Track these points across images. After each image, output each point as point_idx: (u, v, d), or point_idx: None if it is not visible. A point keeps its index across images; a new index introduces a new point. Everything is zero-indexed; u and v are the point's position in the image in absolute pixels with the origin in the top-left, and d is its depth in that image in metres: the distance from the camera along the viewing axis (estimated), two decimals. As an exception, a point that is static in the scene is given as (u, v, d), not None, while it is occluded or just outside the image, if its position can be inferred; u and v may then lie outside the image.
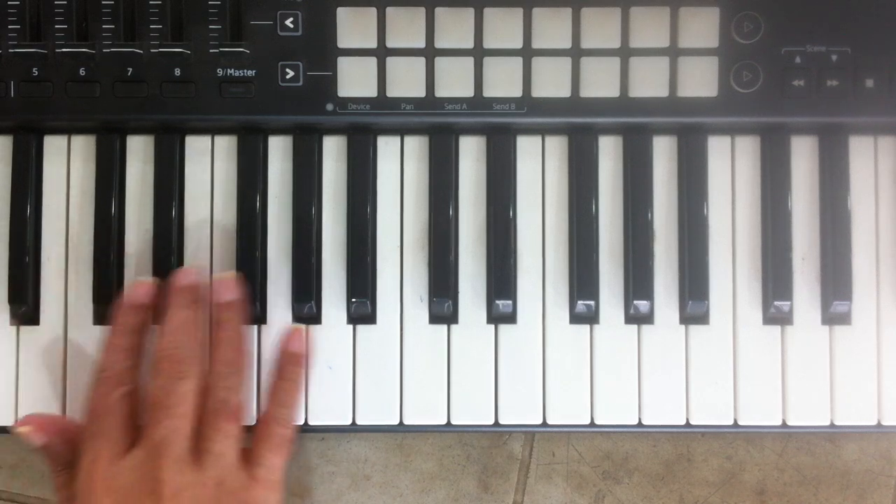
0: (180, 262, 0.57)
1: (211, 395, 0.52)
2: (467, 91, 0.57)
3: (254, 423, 0.56)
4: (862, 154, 0.58)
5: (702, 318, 0.58)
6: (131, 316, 0.54)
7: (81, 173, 0.58)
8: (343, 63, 0.57)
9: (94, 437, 0.51)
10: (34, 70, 0.56)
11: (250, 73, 0.56)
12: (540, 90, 0.57)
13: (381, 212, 0.58)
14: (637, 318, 0.58)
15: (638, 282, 0.57)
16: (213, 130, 0.58)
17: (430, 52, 0.57)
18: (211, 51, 0.56)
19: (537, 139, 0.58)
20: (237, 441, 0.52)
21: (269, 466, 0.53)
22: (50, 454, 0.54)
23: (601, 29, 0.56)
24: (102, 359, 0.53)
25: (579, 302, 0.57)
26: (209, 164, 0.58)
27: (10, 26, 0.56)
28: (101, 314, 0.57)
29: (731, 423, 0.58)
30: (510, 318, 0.58)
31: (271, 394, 0.55)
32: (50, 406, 0.57)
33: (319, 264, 0.58)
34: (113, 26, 0.56)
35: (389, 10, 0.56)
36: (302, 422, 0.57)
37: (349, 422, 0.57)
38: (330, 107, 0.57)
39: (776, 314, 0.58)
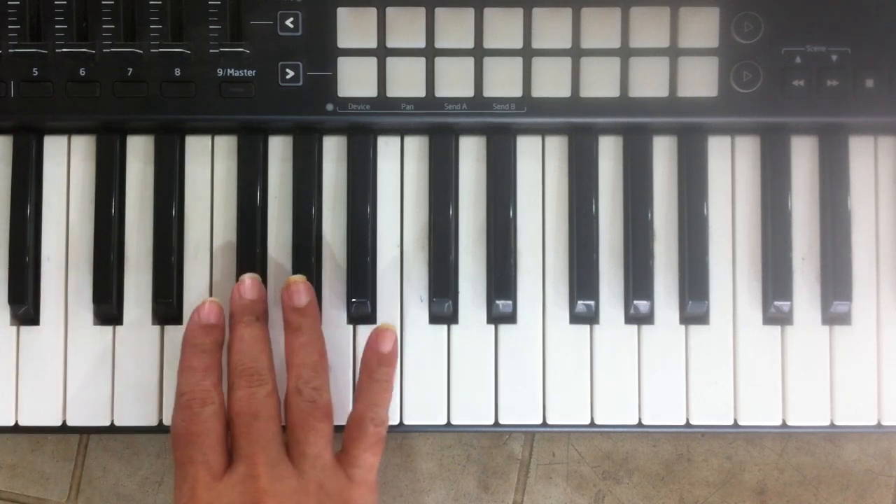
0: (180, 263, 0.58)
1: (299, 397, 0.52)
2: (467, 91, 0.57)
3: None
4: (862, 154, 0.58)
5: (702, 318, 0.58)
6: (203, 336, 0.54)
7: (81, 173, 0.58)
8: (343, 63, 0.57)
9: (188, 463, 0.50)
10: (34, 70, 0.56)
11: (250, 73, 0.56)
12: (540, 90, 0.57)
13: (381, 212, 0.58)
14: (637, 318, 0.58)
15: (638, 282, 0.57)
16: (213, 130, 0.58)
17: (430, 52, 0.57)
18: (211, 51, 0.56)
19: (537, 139, 0.58)
20: (331, 442, 0.52)
21: (365, 467, 0.52)
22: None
23: (601, 29, 0.56)
24: (181, 382, 0.53)
25: (579, 302, 0.57)
26: (209, 164, 0.58)
27: (10, 26, 0.56)
28: (101, 314, 0.57)
29: (731, 423, 0.58)
30: (510, 318, 0.58)
31: (362, 394, 0.54)
32: (50, 406, 0.57)
33: (319, 264, 0.58)
34: (113, 26, 0.56)
35: (389, 10, 0.56)
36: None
37: (349, 422, 0.57)
38: (330, 107, 0.57)
39: (776, 314, 0.58)
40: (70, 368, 0.57)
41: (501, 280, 0.57)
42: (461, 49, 0.57)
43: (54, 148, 0.58)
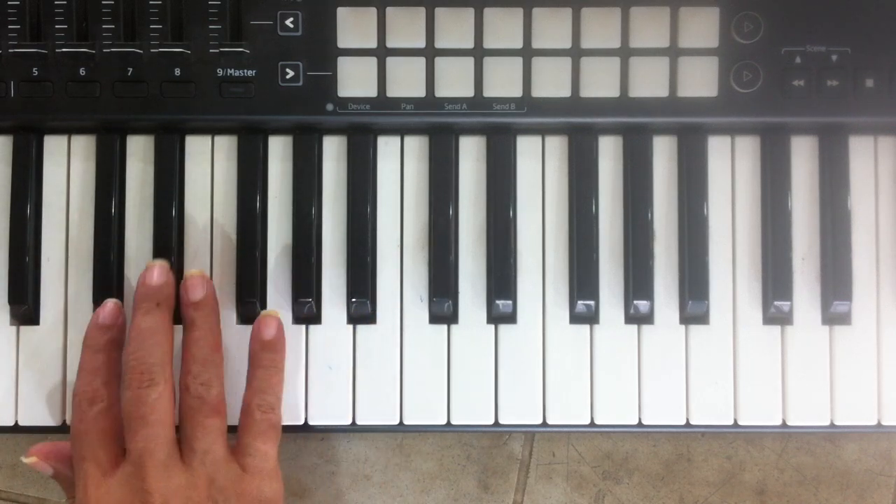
0: (180, 263, 0.57)
1: (187, 393, 0.52)
2: (467, 91, 0.57)
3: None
4: (862, 154, 0.58)
5: (702, 318, 0.58)
6: (98, 336, 0.54)
7: (81, 173, 0.58)
8: (343, 63, 0.57)
9: (80, 460, 0.51)
10: (34, 70, 0.56)
11: (250, 73, 0.56)
12: (540, 90, 0.57)
13: (381, 212, 0.58)
14: (637, 318, 0.58)
15: (638, 282, 0.57)
16: (213, 130, 0.58)
17: (430, 52, 0.57)
18: (211, 51, 0.56)
19: (537, 139, 0.58)
20: (222, 436, 0.52)
21: (258, 454, 0.52)
22: (62, 482, 0.54)
23: (601, 29, 0.56)
24: (76, 383, 0.54)
25: (579, 302, 0.57)
26: (209, 164, 0.58)
27: (10, 26, 0.56)
28: (101, 314, 0.57)
29: (731, 423, 0.58)
30: (510, 318, 0.58)
31: (249, 382, 0.55)
32: (50, 406, 0.57)
33: (319, 264, 0.58)
34: (113, 26, 0.56)
35: (389, 10, 0.56)
36: (302, 422, 0.57)
37: (349, 422, 0.57)
38: (330, 107, 0.57)
39: (776, 314, 0.58)
40: (70, 369, 0.57)
41: (501, 280, 0.57)
42: (461, 49, 0.57)
43: (54, 148, 0.58)
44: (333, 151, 0.58)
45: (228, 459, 0.52)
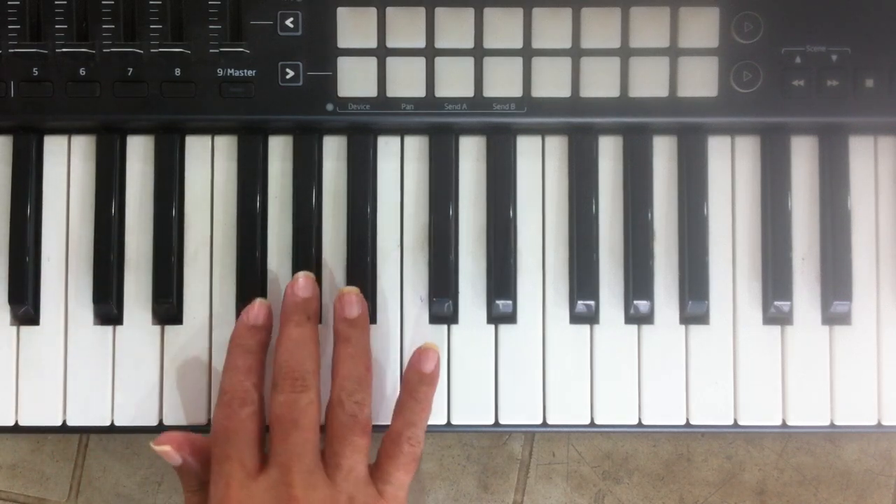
0: (180, 263, 0.58)
1: (340, 409, 0.52)
2: (467, 91, 0.57)
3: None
4: (862, 154, 0.58)
5: (702, 318, 0.58)
6: (249, 336, 0.54)
7: (81, 173, 0.58)
8: (343, 63, 0.57)
9: (224, 460, 0.51)
10: (34, 70, 0.56)
11: (250, 73, 0.56)
12: (540, 90, 0.57)
13: (381, 212, 0.58)
14: (637, 318, 0.58)
15: (638, 282, 0.57)
16: (213, 130, 0.58)
17: (430, 52, 0.57)
18: (211, 51, 0.56)
19: (537, 139, 0.58)
20: (366, 457, 0.52)
21: (396, 484, 0.52)
22: (185, 474, 0.53)
23: (601, 29, 0.56)
24: (223, 381, 0.53)
25: (579, 302, 0.57)
26: (209, 164, 0.58)
27: (10, 26, 0.56)
28: (101, 314, 0.57)
29: (731, 423, 0.58)
30: (510, 318, 0.58)
31: (401, 411, 0.54)
32: (50, 406, 0.57)
33: (319, 264, 0.58)
34: (113, 26, 0.56)
35: (389, 10, 0.56)
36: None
37: (349, 422, 0.57)
38: (330, 107, 0.57)
39: (776, 314, 0.58)
40: (70, 368, 0.57)
41: (501, 280, 0.57)
42: (461, 49, 0.57)
43: (54, 148, 0.58)
44: (333, 151, 0.58)
45: (368, 482, 0.52)
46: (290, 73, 0.56)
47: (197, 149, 0.58)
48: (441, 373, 0.57)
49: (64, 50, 0.56)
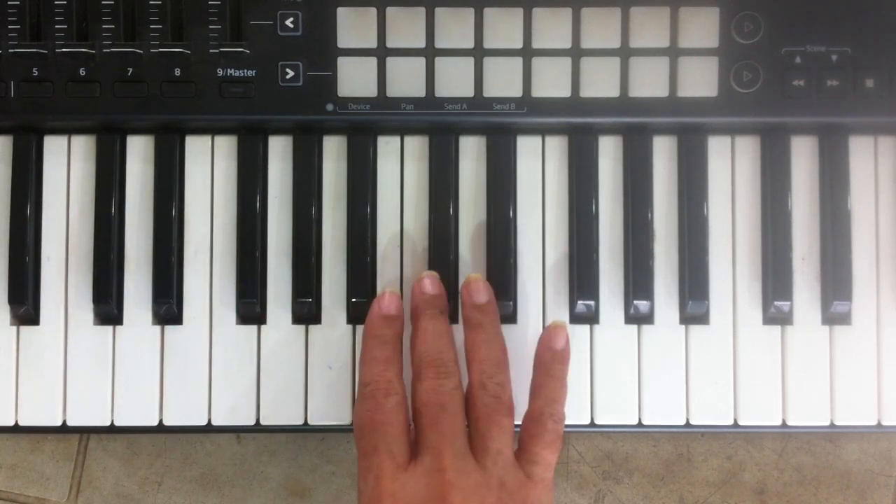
0: (180, 263, 0.58)
1: (483, 392, 0.51)
2: (467, 91, 0.57)
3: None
4: (862, 154, 0.58)
5: (702, 318, 0.58)
6: (385, 327, 0.54)
7: (81, 173, 0.58)
8: (343, 63, 0.57)
9: (372, 452, 0.50)
10: (34, 70, 0.56)
11: (250, 73, 0.56)
12: (540, 90, 0.57)
13: (381, 212, 0.58)
14: (637, 318, 0.58)
15: (638, 282, 0.57)
16: (213, 130, 0.58)
17: (430, 52, 0.57)
18: (211, 51, 0.56)
19: (537, 139, 0.58)
20: (512, 439, 0.52)
21: (543, 464, 0.52)
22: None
23: (601, 29, 0.56)
24: (363, 373, 0.53)
25: (579, 302, 0.57)
26: (209, 164, 0.58)
27: (10, 26, 0.56)
28: (101, 314, 0.57)
29: (731, 423, 0.58)
30: (510, 318, 0.58)
31: (539, 390, 0.54)
32: (50, 406, 0.57)
33: (319, 264, 0.58)
34: (113, 26, 0.56)
35: (389, 10, 0.56)
36: (301, 422, 0.57)
37: (349, 422, 0.57)
38: (330, 107, 0.57)
39: (776, 314, 0.58)
40: (70, 368, 0.57)
41: (502, 280, 0.57)
42: (461, 49, 0.57)
43: (54, 148, 0.58)
44: (333, 151, 0.58)
45: (516, 465, 0.51)
46: (290, 73, 0.56)
47: (197, 149, 0.58)
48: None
49: (64, 50, 0.56)
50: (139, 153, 0.58)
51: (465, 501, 0.48)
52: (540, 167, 0.58)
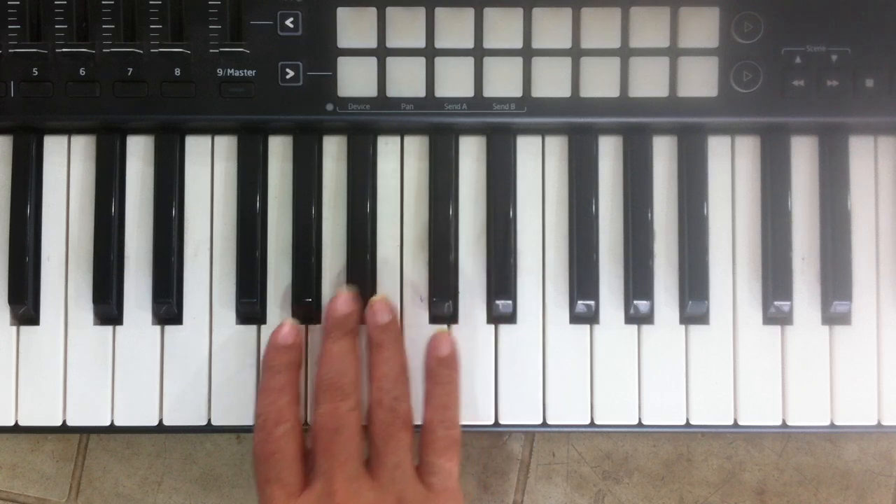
0: (180, 263, 0.58)
1: (380, 408, 0.52)
2: (467, 91, 0.57)
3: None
4: (862, 154, 0.58)
5: (702, 318, 0.58)
6: (279, 356, 0.54)
7: (81, 173, 0.58)
8: (343, 63, 0.57)
9: (265, 483, 0.51)
10: (34, 70, 0.56)
11: (250, 73, 0.56)
12: (540, 90, 0.57)
13: (381, 212, 0.58)
14: (637, 318, 0.58)
15: (638, 282, 0.57)
16: (213, 130, 0.58)
17: (430, 52, 0.57)
18: (211, 51, 0.56)
19: (537, 139, 0.58)
20: (411, 452, 0.52)
21: (442, 473, 0.52)
22: None
23: (601, 29, 0.56)
24: (257, 404, 0.53)
25: (579, 302, 0.57)
26: (209, 164, 0.58)
27: (10, 26, 0.56)
28: (101, 314, 0.57)
29: (731, 423, 0.57)
30: (510, 318, 0.58)
31: (429, 400, 0.54)
32: (50, 406, 0.57)
33: (319, 264, 0.58)
34: (113, 26, 0.56)
35: (389, 10, 0.56)
36: (302, 422, 0.57)
37: (349, 422, 0.57)
38: (330, 107, 0.57)
39: (776, 314, 0.58)
40: (70, 368, 0.57)
41: (501, 280, 0.57)
42: (461, 49, 0.57)
43: (54, 148, 0.58)
44: (333, 151, 0.58)
45: (415, 477, 0.51)
46: (290, 73, 0.56)
47: (197, 149, 0.58)
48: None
49: (64, 50, 0.56)
50: (139, 153, 0.58)
51: None
52: (540, 167, 0.58)
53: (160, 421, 0.57)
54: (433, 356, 0.54)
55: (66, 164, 0.58)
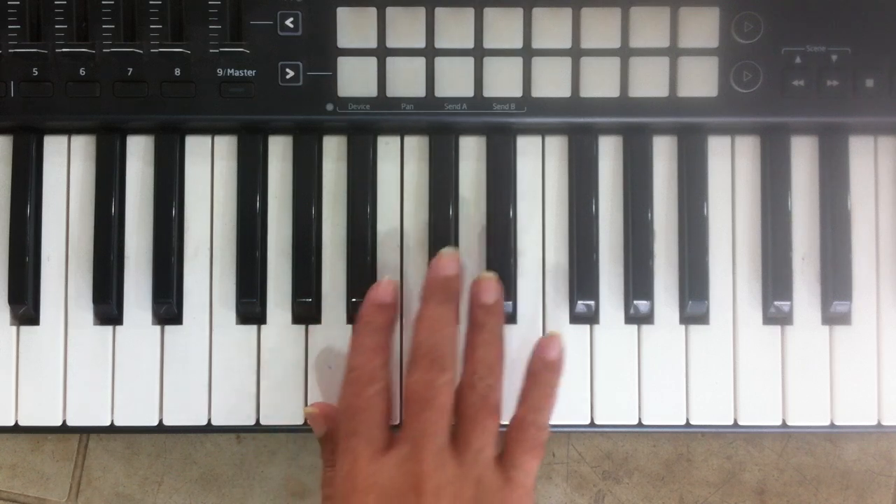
0: (180, 263, 0.58)
1: (472, 391, 0.52)
2: (467, 91, 0.57)
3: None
4: (862, 154, 0.58)
5: (702, 318, 0.58)
6: (377, 315, 0.54)
7: (81, 173, 0.58)
8: (343, 63, 0.57)
9: (351, 436, 0.51)
10: (34, 70, 0.56)
11: (250, 73, 0.56)
12: (540, 90, 0.57)
13: (381, 212, 0.58)
14: (637, 318, 0.58)
15: (638, 282, 0.57)
16: (213, 130, 0.58)
17: (430, 52, 0.57)
18: (211, 51, 0.56)
19: (537, 139, 0.58)
20: (495, 440, 0.52)
21: (524, 470, 0.52)
22: (327, 446, 0.54)
23: (601, 29, 0.56)
24: (351, 358, 0.53)
25: (579, 302, 0.57)
26: (209, 164, 0.58)
27: (10, 26, 0.56)
28: (101, 314, 0.57)
29: (731, 423, 0.58)
30: (510, 318, 0.58)
31: (526, 398, 0.54)
32: (50, 406, 0.57)
33: (319, 264, 0.58)
34: (113, 26, 0.56)
35: (389, 10, 0.56)
36: (301, 422, 0.57)
37: (349, 422, 0.57)
38: (330, 107, 0.57)
39: (776, 314, 0.58)
40: (70, 368, 0.57)
41: (502, 280, 0.57)
42: (461, 49, 0.57)
43: (54, 148, 0.58)
44: (333, 151, 0.58)
45: (496, 466, 0.51)
46: (290, 73, 0.56)
47: (197, 149, 0.58)
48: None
49: (64, 50, 0.56)
50: (139, 153, 0.58)
51: (439, 493, 0.48)
52: (540, 167, 0.58)
53: (160, 421, 0.57)
54: (539, 357, 0.54)
55: (66, 164, 0.58)
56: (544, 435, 0.53)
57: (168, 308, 0.57)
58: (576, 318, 0.58)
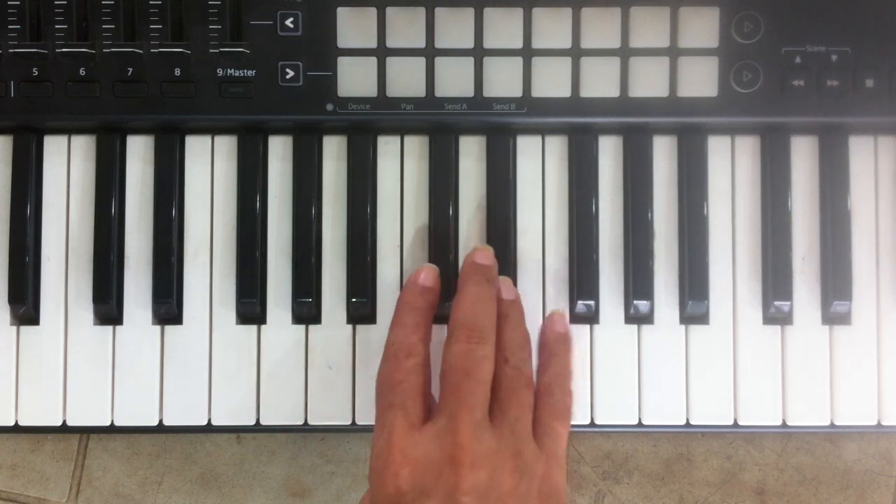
0: (180, 263, 0.58)
1: (506, 364, 0.52)
2: (467, 91, 0.57)
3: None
4: (862, 154, 0.58)
5: (702, 318, 0.58)
6: (418, 298, 0.54)
7: (81, 173, 0.58)
8: (343, 63, 0.57)
9: (388, 407, 0.51)
10: (34, 70, 0.56)
11: (250, 73, 0.56)
12: (540, 90, 0.57)
13: (381, 212, 0.58)
14: (637, 318, 0.58)
15: (638, 282, 0.57)
16: (213, 130, 0.58)
17: (430, 52, 0.57)
18: (211, 51, 0.56)
19: (537, 139, 0.59)
20: (531, 411, 0.52)
21: (554, 436, 0.52)
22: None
23: (601, 29, 0.56)
24: (390, 334, 0.53)
25: (579, 302, 0.57)
26: (209, 164, 0.58)
27: (10, 26, 0.56)
28: (101, 314, 0.57)
29: (731, 423, 0.58)
30: (510, 318, 0.58)
31: (546, 367, 0.54)
32: (50, 406, 0.57)
33: (319, 264, 0.58)
34: (113, 26, 0.56)
35: (389, 10, 0.56)
36: (301, 422, 0.57)
37: (349, 422, 0.57)
38: (330, 107, 0.57)
39: (776, 314, 0.58)
40: (70, 368, 0.57)
41: (501, 280, 0.57)
42: (461, 49, 0.57)
43: (54, 148, 0.58)
44: (333, 151, 0.58)
45: (532, 436, 0.51)
46: (290, 73, 0.56)
47: (197, 149, 0.58)
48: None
49: (64, 50, 0.56)
50: (139, 153, 0.58)
51: (476, 466, 0.48)
52: (540, 167, 0.58)
53: (160, 421, 0.57)
54: (551, 330, 0.55)
55: (66, 164, 0.58)
56: (570, 400, 0.53)
57: (168, 308, 0.57)
58: (576, 318, 0.58)
